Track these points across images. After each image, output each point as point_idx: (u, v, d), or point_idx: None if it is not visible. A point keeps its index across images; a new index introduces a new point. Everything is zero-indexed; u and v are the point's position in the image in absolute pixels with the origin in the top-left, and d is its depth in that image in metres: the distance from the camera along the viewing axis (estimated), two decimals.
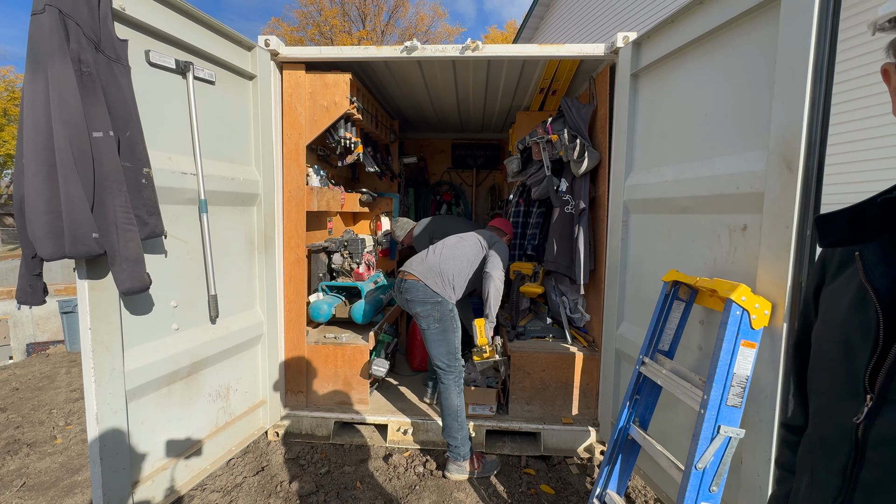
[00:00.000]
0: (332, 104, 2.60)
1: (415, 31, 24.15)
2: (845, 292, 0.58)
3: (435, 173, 5.17)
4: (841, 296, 0.58)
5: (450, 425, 2.33)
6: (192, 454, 2.03)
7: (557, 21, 11.10)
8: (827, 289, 0.64)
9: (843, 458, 0.53)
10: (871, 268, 0.53)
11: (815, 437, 0.60)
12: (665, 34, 1.96)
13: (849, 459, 0.52)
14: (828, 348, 0.58)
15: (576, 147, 2.57)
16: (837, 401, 0.55)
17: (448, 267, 2.41)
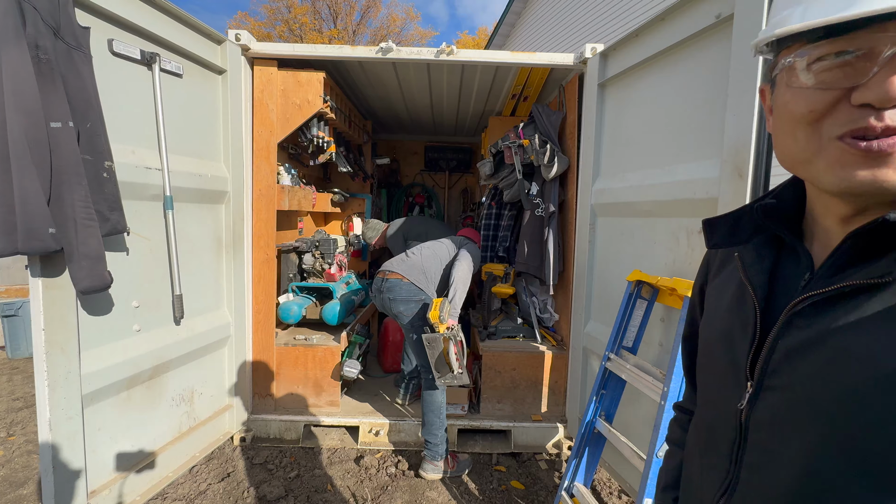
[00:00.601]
0: (304, 102, 2.57)
1: (387, 32, 24.05)
2: (727, 289, 0.61)
3: (408, 175, 5.18)
4: (723, 293, 0.62)
5: (432, 422, 2.34)
6: (153, 461, 1.94)
7: (528, 29, 11.38)
8: (710, 286, 0.68)
9: (730, 442, 0.55)
10: (748, 266, 0.57)
11: (704, 424, 0.63)
12: (630, 47, 2.07)
13: (734, 443, 0.54)
14: (713, 341, 0.62)
15: (546, 152, 2.66)
16: (723, 389, 0.58)
17: (430, 265, 2.44)
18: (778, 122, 0.49)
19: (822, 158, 0.44)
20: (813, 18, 0.41)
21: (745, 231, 0.58)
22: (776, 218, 0.55)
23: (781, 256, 0.57)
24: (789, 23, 0.43)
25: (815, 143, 0.45)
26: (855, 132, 0.41)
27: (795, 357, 0.48)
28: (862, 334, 0.43)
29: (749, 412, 0.52)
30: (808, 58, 0.43)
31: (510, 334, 2.92)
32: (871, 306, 0.43)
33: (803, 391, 0.47)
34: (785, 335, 0.49)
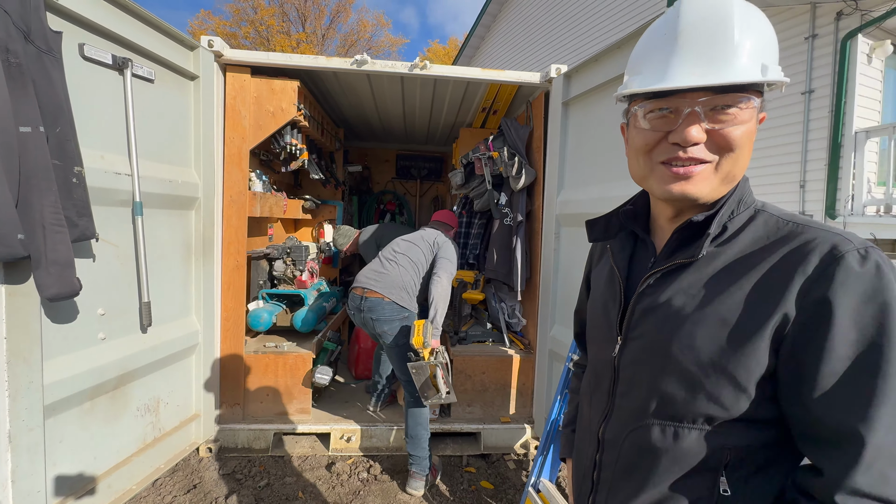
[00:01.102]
0: (278, 110, 2.59)
1: (357, 37, 23.98)
2: (603, 272, 0.83)
3: (379, 182, 5.22)
4: (601, 275, 0.85)
5: (420, 435, 2.27)
6: (116, 474, 1.88)
7: (497, 44, 11.72)
8: (593, 272, 0.92)
9: (608, 382, 0.75)
10: (615, 254, 0.79)
11: (592, 372, 0.83)
12: (591, 70, 2.24)
13: (611, 382, 0.75)
14: (596, 311, 0.83)
15: (514, 164, 2.79)
16: (604, 345, 0.77)
17: (409, 278, 2.40)
18: (629, 150, 0.71)
19: (653, 176, 0.67)
20: (642, 86, 0.63)
21: (613, 229, 0.81)
22: (633, 219, 0.78)
23: (637, 246, 0.79)
24: (631, 87, 0.66)
25: (649, 166, 0.67)
26: (670, 160, 0.64)
27: (646, 315, 0.69)
28: (680, 295, 0.65)
29: (619, 358, 0.73)
30: (644, 109, 0.65)
31: (480, 339, 3.02)
32: (686, 277, 0.66)
33: (650, 337, 0.68)
34: (640, 301, 0.71)
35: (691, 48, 0.60)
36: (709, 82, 0.58)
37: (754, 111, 0.61)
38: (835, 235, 0.58)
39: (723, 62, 0.59)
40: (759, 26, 0.62)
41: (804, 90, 5.09)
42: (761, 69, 0.59)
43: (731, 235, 0.65)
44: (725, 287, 0.62)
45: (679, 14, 0.62)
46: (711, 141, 0.62)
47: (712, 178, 0.63)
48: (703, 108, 0.60)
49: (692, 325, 0.63)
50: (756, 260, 0.61)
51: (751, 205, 0.67)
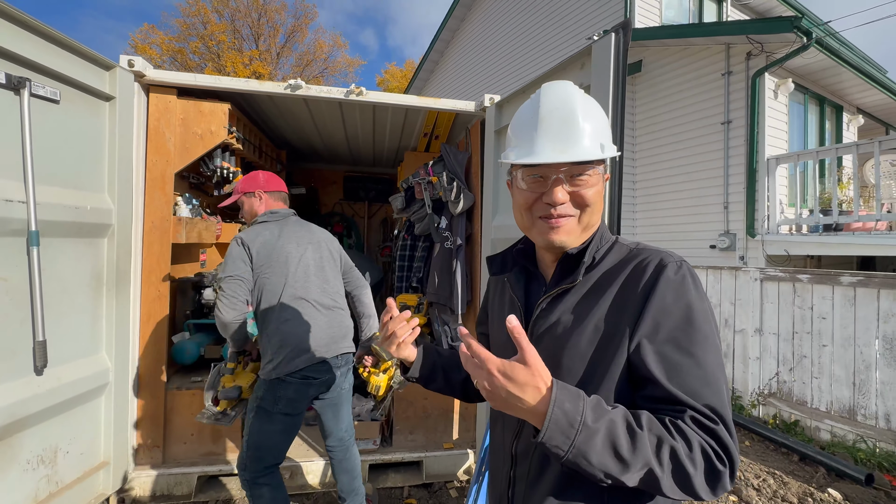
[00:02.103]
0: (207, 133, 2.49)
1: (313, 57, 23.88)
2: (503, 302, 0.97)
3: (326, 204, 5.13)
4: (501, 304, 0.98)
5: (359, 487, 2.10)
6: None
7: (451, 69, 12.06)
8: (491, 302, 1.05)
9: None
10: (513, 286, 0.93)
11: None
12: (519, 101, 2.33)
13: None
14: (499, 333, 0.96)
15: (453, 189, 2.84)
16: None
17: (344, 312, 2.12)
18: (514, 205, 0.87)
19: (534, 228, 0.84)
20: (517, 159, 0.80)
21: (509, 264, 0.96)
22: (524, 256, 0.95)
23: (530, 279, 0.94)
24: (509, 158, 0.82)
25: (530, 219, 0.84)
26: (545, 216, 0.81)
27: (543, 334, 0.83)
28: (566, 313, 0.81)
29: None
30: (522, 173, 0.82)
31: None
32: (569, 298, 0.82)
33: (548, 352, 0.78)
34: (538, 322, 0.85)
35: (550, 130, 0.78)
36: (566, 159, 0.77)
37: (600, 175, 0.81)
38: (661, 253, 0.79)
39: (574, 142, 0.77)
40: (596, 114, 0.81)
41: (723, 121, 5.59)
42: (601, 147, 0.79)
43: (597, 262, 0.83)
44: (596, 301, 0.79)
45: (539, 104, 0.80)
46: (573, 200, 0.80)
47: (577, 228, 0.82)
48: (564, 174, 0.78)
49: (577, 336, 0.78)
50: (614, 277, 0.79)
51: (608, 239, 0.86)
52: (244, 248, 1.88)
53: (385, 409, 2.73)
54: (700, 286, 0.76)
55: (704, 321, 0.73)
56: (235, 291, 1.82)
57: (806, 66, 5.51)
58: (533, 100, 0.83)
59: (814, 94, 6.14)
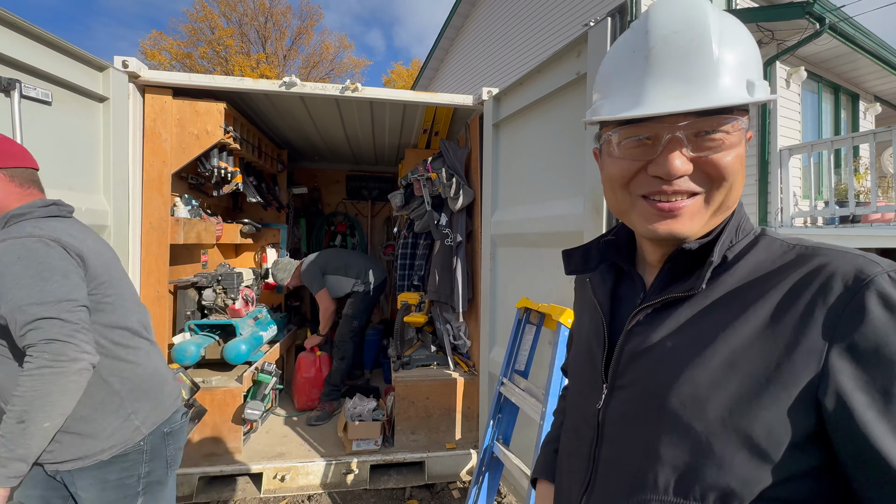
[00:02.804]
0: (203, 133, 2.49)
1: (319, 59, 24.01)
2: (585, 309, 0.74)
3: (329, 204, 5.12)
4: (583, 312, 0.75)
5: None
6: None
7: (456, 66, 12.00)
8: (575, 306, 0.81)
9: (589, 440, 0.63)
10: (596, 288, 0.70)
11: (571, 427, 0.72)
12: (516, 93, 2.28)
13: (593, 441, 0.62)
14: (578, 352, 0.74)
15: (452, 185, 2.79)
16: (586, 394, 0.66)
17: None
18: (604, 180, 0.62)
19: (634, 211, 0.58)
20: (612, 114, 0.55)
21: (593, 260, 0.71)
22: (615, 250, 0.70)
23: (621, 280, 0.69)
24: (600, 113, 0.57)
25: (628, 199, 0.59)
26: (652, 194, 0.56)
27: (636, 358, 0.58)
28: (679, 336, 0.55)
29: (604, 411, 0.61)
30: (618, 136, 0.57)
31: (424, 363, 2.94)
32: (681, 313, 0.56)
33: (642, 386, 0.56)
34: (628, 341, 0.60)
35: (666, 67, 0.52)
36: (691, 107, 0.50)
37: (742, 133, 0.53)
38: (856, 257, 0.48)
39: (703, 82, 0.51)
40: (740, 38, 0.53)
41: None
42: (747, 87, 0.51)
43: (730, 264, 0.56)
44: (729, 323, 0.51)
45: (648, 27, 0.54)
46: (699, 170, 0.53)
47: (703, 213, 0.55)
48: (686, 133, 0.52)
49: (693, 370, 0.51)
50: (762, 289, 0.51)
51: (749, 231, 0.59)
52: (70, 256, 1.13)
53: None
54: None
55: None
56: (82, 321, 1.09)
57: (819, 54, 5.34)
58: (638, 25, 0.57)
59: (828, 83, 5.95)
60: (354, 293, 3.41)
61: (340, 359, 3.24)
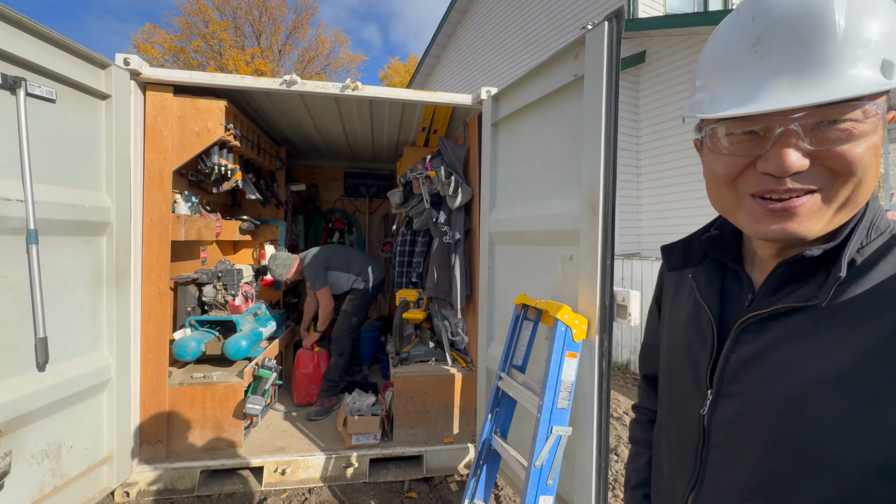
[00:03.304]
0: (204, 130, 2.50)
1: (315, 53, 23.86)
2: (685, 307, 0.69)
3: (327, 200, 5.14)
4: (681, 308, 0.70)
5: None
6: None
7: (453, 62, 11.99)
8: (669, 304, 0.75)
9: (695, 443, 0.62)
10: (702, 287, 0.65)
11: (671, 426, 0.69)
12: (515, 93, 2.31)
13: (699, 444, 0.61)
14: (676, 352, 0.69)
15: (451, 183, 2.83)
16: (687, 395, 0.65)
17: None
18: (706, 175, 0.58)
19: (741, 211, 0.54)
20: (718, 111, 0.50)
21: (695, 256, 0.69)
22: (719, 246, 0.66)
23: (726, 278, 0.65)
24: (702, 108, 0.53)
25: (735, 197, 0.54)
26: (763, 193, 0.50)
27: (746, 367, 0.56)
28: (796, 347, 0.51)
29: (711, 416, 0.60)
30: (723, 129, 0.52)
31: (422, 359, 2.99)
32: (800, 324, 0.52)
33: (753, 397, 0.54)
34: (736, 349, 0.57)
35: (782, 51, 0.46)
36: (812, 101, 0.44)
37: (878, 118, 0.46)
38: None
39: (825, 69, 0.44)
40: (875, 8, 0.44)
41: None
42: (883, 68, 0.43)
43: (862, 269, 0.49)
44: (854, 335, 0.47)
45: (759, 9, 0.48)
46: (820, 164, 0.47)
47: (824, 212, 0.49)
48: (803, 123, 0.46)
49: (814, 388, 0.48)
50: (888, 298, 0.47)
51: (885, 229, 0.51)
52: None
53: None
54: None
55: None
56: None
57: None
58: (744, 8, 0.50)
59: None
60: (354, 290, 3.44)
61: (339, 355, 3.28)
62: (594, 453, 1.64)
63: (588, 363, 1.66)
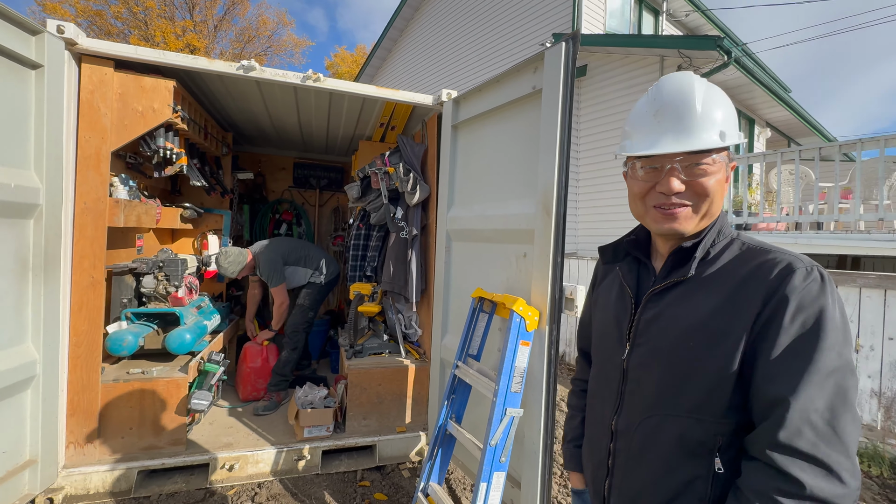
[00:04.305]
0: (149, 110, 2.35)
1: (255, 33, 22.46)
2: (614, 289, 0.99)
3: (275, 191, 4.96)
4: (609, 292, 1.00)
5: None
6: None
7: (404, 58, 11.93)
8: (598, 289, 1.07)
9: (616, 382, 0.90)
10: (625, 276, 0.96)
11: (601, 375, 0.99)
12: (475, 99, 2.44)
13: (619, 382, 0.90)
14: (606, 321, 0.98)
15: (409, 180, 2.90)
16: (613, 350, 0.93)
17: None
18: (629, 194, 0.89)
19: (648, 216, 0.85)
20: (634, 151, 0.83)
21: (620, 254, 1.00)
22: (635, 247, 0.97)
23: (640, 269, 0.96)
24: (627, 150, 0.85)
25: (644, 208, 0.86)
26: (659, 205, 0.82)
27: (650, 324, 0.85)
28: (677, 308, 0.81)
29: (628, 361, 0.88)
30: (638, 164, 0.84)
31: (376, 351, 3.04)
32: (680, 292, 0.82)
33: (653, 344, 0.83)
34: (644, 313, 0.87)
35: (668, 122, 0.79)
36: (681, 149, 0.77)
37: (722, 164, 0.80)
38: (790, 256, 0.74)
39: (690, 132, 0.78)
40: (718, 102, 0.79)
41: None
42: (720, 135, 0.77)
43: (713, 257, 0.81)
44: (708, 297, 0.78)
45: (656, 94, 0.83)
46: (691, 189, 0.80)
47: (693, 218, 0.81)
48: (681, 164, 0.79)
49: (684, 331, 0.78)
50: (732, 274, 0.77)
51: (728, 234, 0.84)
52: None
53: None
54: (836, 295, 0.70)
55: (833, 332, 0.67)
56: None
57: (726, 82, 6.14)
58: (650, 92, 0.84)
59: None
60: (311, 284, 3.38)
61: (292, 349, 3.22)
62: (542, 431, 1.82)
63: (538, 351, 1.83)
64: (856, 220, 4.60)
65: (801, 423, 0.65)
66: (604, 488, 0.92)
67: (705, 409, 0.75)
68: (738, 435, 0.75)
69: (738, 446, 0.75)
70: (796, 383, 0.66)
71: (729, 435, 0.74)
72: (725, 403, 0.74)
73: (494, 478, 1.69)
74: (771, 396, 0.68)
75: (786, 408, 0.66)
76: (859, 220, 4.62)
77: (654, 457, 0.81)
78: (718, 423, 0.75)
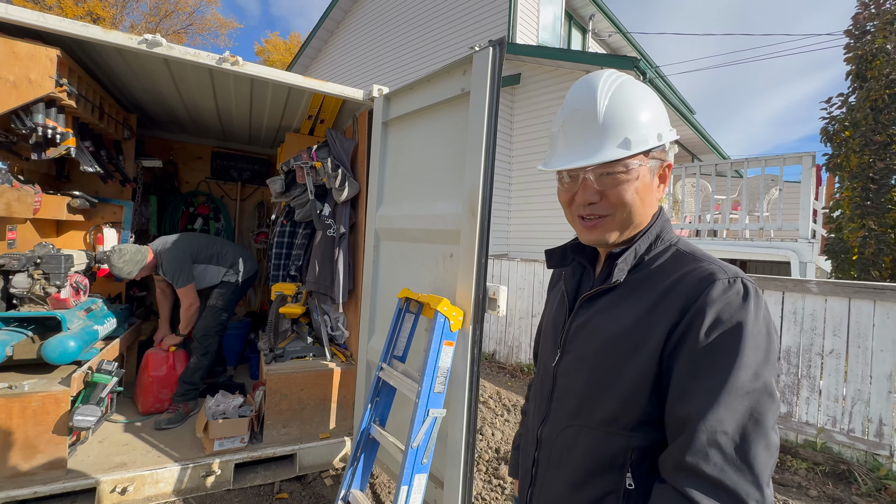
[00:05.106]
0: (23, 80, 2.02)
1: (174, 8, 20.48)
2: (557, 294, 0.97)
3: (189, 182, 4.53)
4: (555, 296, 0.99)
5: None
6: None
7: (341, 50, 11.56)
8: (549, 294, 1.05)
9: (549, 388, 0.87)
10: (566, 280, 0.94)
11: (538, 380, 0.97)
12: (406, 96, 2.41)
13: (551, 389, 0.87)
14: (548, 327, 0.96)
15: (338, 176, 2.79)
16: (549, 355, 0.90)
17: None
18: (560, 202, 0.86)
19: (576, 225, 0.83)
20: (546, 166, 0.81)
21: (568, 258, 0.94)
22: (580, 252, 0.92)
23: (584, 273, 0.92)
24: (548, 164, 0.81)
25: (572, 216, 0.83)
26: (581, 216, 0.81)
27: (578, 331, 0.83)
28: (603, 317, 0.79)
29: (557, 367, 0.86)
30: (559, 175, 0.82)
31: (300, 354, 2.89)
32: (610, 299, 0.79)
33: (578, 351, 0.82)
34: (575, 319, 0.84)
35: (573, 134, 0.77)
36: (581, 164, 0.74)
37: (639, 170, 0.75)
38: (715, 266, 0.70)
39: (592, 144, 0.74)
40: (621, 108, 0.74)
41: None
42: (623, 144, 0.73)
43: (645, 265, 0.78)
44: (632, 305, 0.75)
45: (564, 104, 0.80)
46: (606, 199, 0.77)
47: (614, 227, 0.78)
48: (593, 174, 0.76)
49: (606, 340, 0.76)
50: (659, 283, 0.73)
51: (668, 241, 0.80)
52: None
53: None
54: (761, 310, 0.65)
55: (752, 350, 0.62)
56: None
57: None
58: (565, 101, 0.82)
59: None
60: (225, 283, 3.12)
61: (203, 354, 2.94)
62: (464, 430, 1.83)
63: (462, 351, 1.84)
64: (742, 228, 5.27)
65: (709, 445, 0.60)
66: (527, 497, 0.90)
67: (618, 422, 0.73)
68: (654, 451, 0.71)
69: (652, 462, 0.71)
70: (706, 403, 0.62)
71: (641, 450, 0.71)
72: (637, 418, 0.71)
73: (416, 480, 1.67)
74: (680, 415, 0.65)
75: (693, 429, 0.62)
76: (745, 230, 5.29)
77: (569, 469, 0.79)
78: (630, 437, 0.72)
